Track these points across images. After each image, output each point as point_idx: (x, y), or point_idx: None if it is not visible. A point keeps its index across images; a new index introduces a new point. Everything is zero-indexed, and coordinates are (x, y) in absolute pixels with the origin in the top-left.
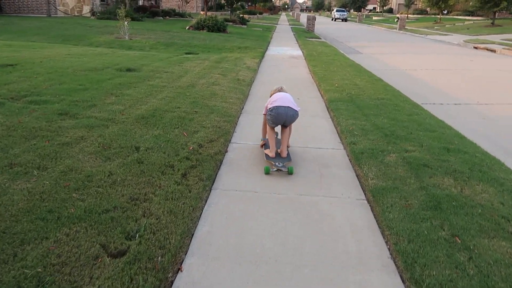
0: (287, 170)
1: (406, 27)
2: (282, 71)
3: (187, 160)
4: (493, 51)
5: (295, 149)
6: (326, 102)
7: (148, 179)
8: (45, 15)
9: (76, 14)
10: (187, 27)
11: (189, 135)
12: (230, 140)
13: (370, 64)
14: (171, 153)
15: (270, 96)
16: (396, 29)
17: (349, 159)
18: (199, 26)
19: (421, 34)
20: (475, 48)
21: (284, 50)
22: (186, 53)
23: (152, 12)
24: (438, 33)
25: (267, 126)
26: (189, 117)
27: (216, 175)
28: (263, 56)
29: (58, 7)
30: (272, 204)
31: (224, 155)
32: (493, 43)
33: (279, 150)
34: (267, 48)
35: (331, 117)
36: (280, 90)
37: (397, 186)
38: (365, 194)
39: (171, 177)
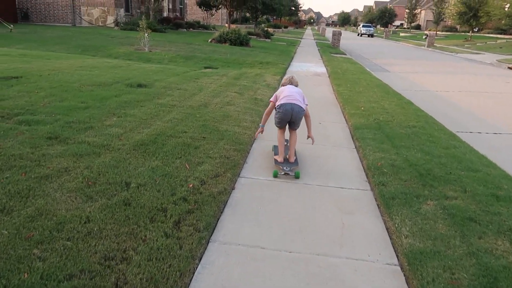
0: (294, 174)
1: (435, 44)
2: (304, 90)
3: (184, 201)
4: None
5: (314, 188)
6: (350, 129)
7: (132, 228)
8: (70, 25)
9: (100, 24)
10: (210, 40)
11: (191, 167)
12: (239, 174)
13: (399, 83)
14: (166, 191)
15: (282, 86)
16: (424, 46)
17: (377, 204)
18: (222, 39)
19: (451, 52)
20: (510, 68)
21: (307, 67)
22: (205, 67)
23: (176, 24)
24: (469, 52)
25: (278, 131)
26: (195, 145)
27: (217, 222)
28: (284, 73)
29: (83, 17)
30: (280, 268)
31: (230, 195)
32: None
33: (287, 156)
34: (289, 64)
35: (356, 148)
36: (291, 80)
37: (439, 250)
38: (397, 257)
39: (161, 226)
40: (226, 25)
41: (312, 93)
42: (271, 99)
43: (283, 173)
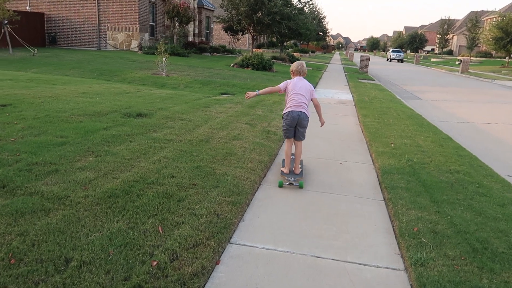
0: (298, 184)
1: (469, 70)
2: (325, 121)
3: None
4: None
5: (327, 265)
6: (378, 173)
7: None
8: (95, 49)
9: (124, 48)
10: (232, 65)
11: (166, 231)
12: (230, 239)
13: (433, 113)
14: (118, 273)
15: (291, 72)
16: (458, 72)
17: None
18: (244, 64)
19: (487, 78)
20: None
21: (332, 93)
22: (222, 93)
23: (200, 48)
24: (507, 78)
25: (285, 143)
26: (179, 196)
27: None
28: None
29: (108, 41)
30: None
31: (209, 276)
32: None
33: (293, 168)
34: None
35: (385, 201)
36: (300, 70)
37: None
38: None
39: None
40: (254, 50)
41: (335, 125)
42: (280, 85)
43: (287, 183)
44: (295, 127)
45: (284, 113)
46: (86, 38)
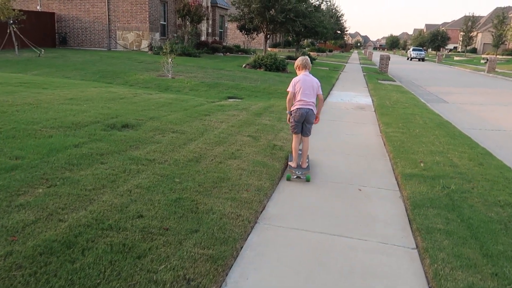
0: (305, 178)
1: (496, 69)
2: (342, 131)
3: None
4: None
5: None
6: (406, 204)
7: None
8: (105, 49)
9: (135, 48)
10: (244, 65)
11: None
12: None
13: (463, 119)
14: None
15: (296, 68)
16: (484, 71)
17: None
18: (256, 64)
19: None
20: None
21: (349, 97)
22: (229, 97)
23: (213, 48)
24: None
25: (293, 136)
26: (140, 249)
27: None
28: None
29: (118, 41)
30: None
31: None
32: None
33: (300, 162)
34: (329, 93)
35: (418, 250)
36: (305, 64)
37: None
38: None
39: None
40: (269, 49)
41: (351, 137)
42: (288, 89)
43: (295, 176)
44: (303, 123)
45: (293, 110)
46: (96, 38)
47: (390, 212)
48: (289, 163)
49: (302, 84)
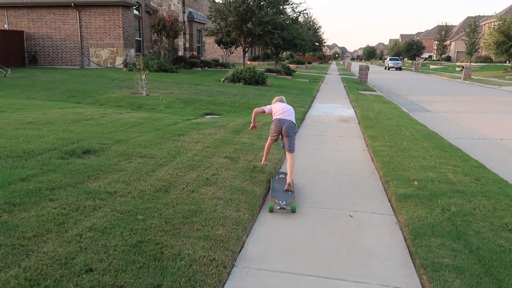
0: (290, 208)
1: (472, 76)
2: (326, 147)
3: None
4: None
5: None
6: (405, 233)
7: None
8: (78, 67)
9: (109, 65)
10: (222, 80)
11: None
12: None
13: (448, 129)
14: None
15: (273, 103)
16: (460, 78)
17: None
18: (235, 79)
19: (493, 84)
20: None
21: (331, 109)
22: (206, 114)
23: (190, 63)
24: None
25: (269, 138)
26: None
27: None
28: (303, 119)
29: (91, 59)
30: None
31: None
32: None
33: (285, 184)
34: (310, 106)
35: None
36: (282, 100)
37: None
38: None
39: None
40: (248, 62)
41: (337, 153)
42: (265, 107)
43: (279, 207)
44: (283, 138)
45: (273, 121)
46: (68, 56)
47: (387, 243)
48: (271, 196)
49: (279, 105)
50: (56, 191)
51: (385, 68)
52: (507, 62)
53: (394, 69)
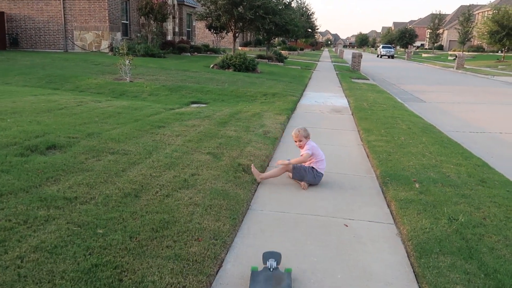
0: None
1: (464, 65)
2: (319, 140)
3: None
4: None
5: None
6: (408, 249)
7: None
8: (62, 51)
9: (94, 49)
10: (211, 66)
11: None
12: None
13: (445, 121)
14: None
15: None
16: (453, 68)
17: None
18: (225, 65)
19: (486, 74)
20: None
21: (324, 98)
22: (192, 103)
23: (179, 48)
24: (506, 74)
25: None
26: None
27: None
28: (294, 109)
29: (75, 42)
30: None
31: None
32: None
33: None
34: (302, 94)
35: None
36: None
37: None
38: None
39: None
40: (240, 48)
41: (330, 147)
42: (310, 152)
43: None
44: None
45: (319, 169)
46: (52, 39)
47: (388, 261)
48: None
49: (320, 152)
50: (4, 198)
51: (378, 56)
52: (500, 51)
53: (387, 57)
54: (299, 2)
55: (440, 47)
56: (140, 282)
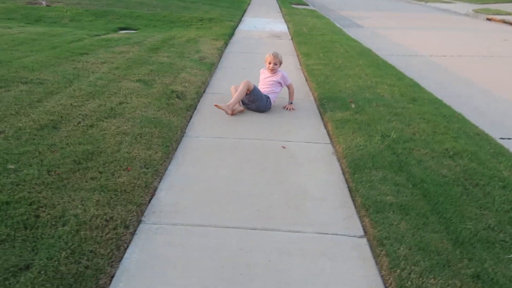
0: None
1: None
2: (256, 65)
3: None
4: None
5: None
6: (343, 166)
7: None
8: None
9: None
10: None
11: None
12: None
13: (381, 46)
14: None
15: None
16: None
17: None
18: None
19: (419, 1)
20: (488, 19)
21: (263, 24)
22: (120, 29)
23: None
24: (438, 0)
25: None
26: None
27: None
28: (232, 34)
29: None
30: None
31: None
32: (510, 14)
33: None
34: (240, 20)
35: (368, 242)
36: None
37: None
38: None
39: None
40: None
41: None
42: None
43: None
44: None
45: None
46: None
47: (324, 179)
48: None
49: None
50: None
51: None
52: None
53: None
54: None
55: None
56: (60, 217)
